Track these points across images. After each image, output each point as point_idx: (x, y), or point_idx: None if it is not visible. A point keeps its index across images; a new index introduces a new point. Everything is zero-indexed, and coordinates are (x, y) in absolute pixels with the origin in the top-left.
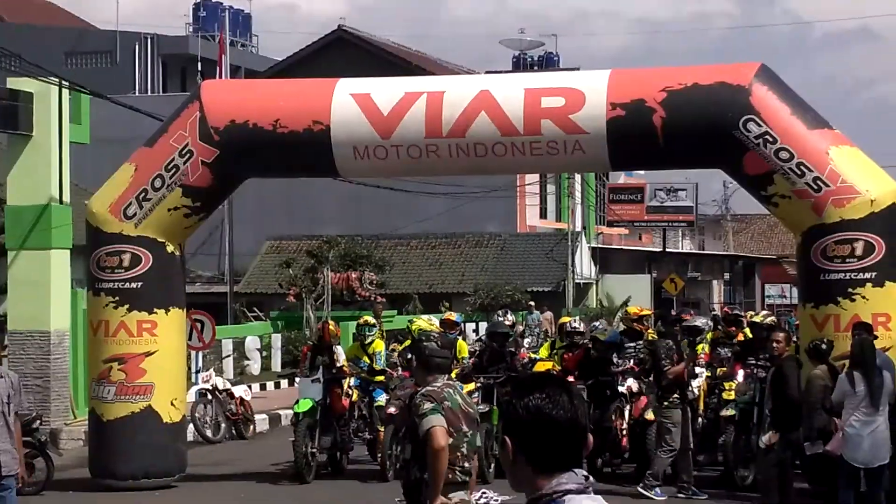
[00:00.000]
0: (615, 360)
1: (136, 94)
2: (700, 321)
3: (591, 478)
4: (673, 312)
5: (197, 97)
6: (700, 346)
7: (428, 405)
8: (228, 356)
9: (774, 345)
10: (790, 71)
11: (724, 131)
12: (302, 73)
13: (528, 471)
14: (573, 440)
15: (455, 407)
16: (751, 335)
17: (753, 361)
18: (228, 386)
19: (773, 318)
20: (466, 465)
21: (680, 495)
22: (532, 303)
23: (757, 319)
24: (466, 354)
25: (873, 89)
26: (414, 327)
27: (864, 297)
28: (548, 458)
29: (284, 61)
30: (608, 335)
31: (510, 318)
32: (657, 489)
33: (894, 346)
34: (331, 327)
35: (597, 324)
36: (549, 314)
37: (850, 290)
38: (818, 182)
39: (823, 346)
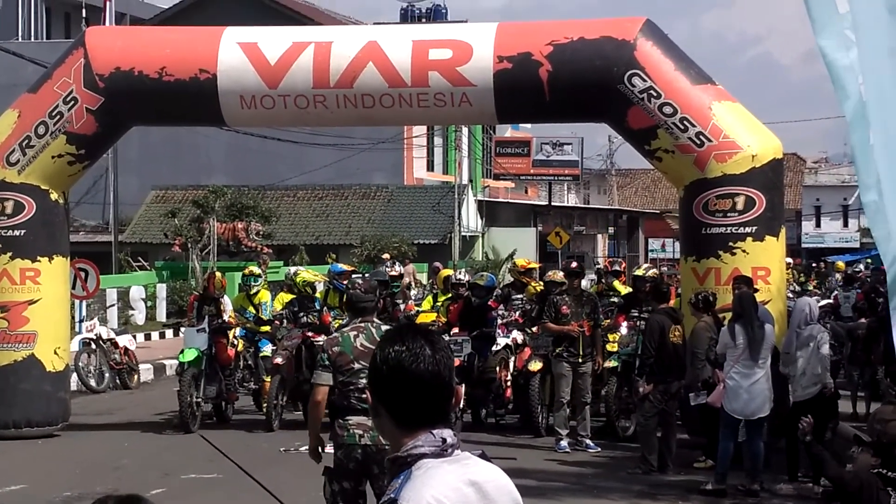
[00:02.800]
0: (501, 311)
1: (20, 39)
2: (584, 281)
3: (454, 437)
4: (574, 264)
5: (81, 44)
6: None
7: (320, 359)
8: (113, 305)
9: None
10: (678, 27)
11: (608, 85)
12: (189, 20)
13: (391, 426)
14: (434, 396)
15: (347, 349)
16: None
17: (636, 314)
18: (113, 335)
19: (654, 271)
20: (364, 395)
21: (577, 448)
22: (385, 255)
23: (639, 273)
24: None
25: (759, 46)
26: (298, 279)
27: (744, 251)
28: (409, 413)
29: (171, 9)
30: (485, 280)
31: (397, 268)
32: (561, 442)
33: (774, 299)
34: (217, 278)
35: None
36: (410, 267)
37: (730, 243)
38: (701, 137)
39: (711, 298)
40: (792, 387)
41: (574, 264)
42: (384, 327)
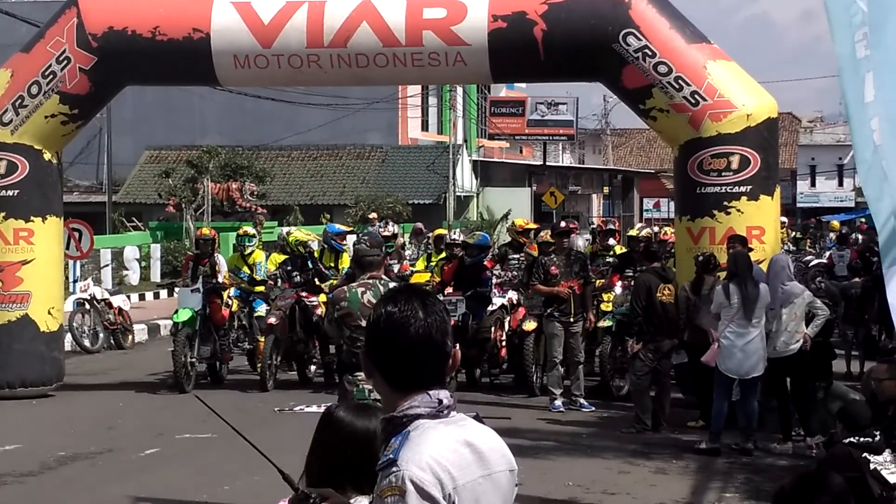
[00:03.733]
0: (497, 271)
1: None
2: (581, 240)
3: (450, 398)
4: (563, 224)
5: (74, 3)
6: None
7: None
8: (107, 266)
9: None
10: None
11: (603, 45)
12: None
13: (385, 388)
14: (428, 357)
15: (355, 305)
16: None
17: (631, 273)
18: (107, 296)
19: (648, 230)
20: None
21: (571, 407)
22: (373, 215)
23: (633, 233)
24: (348, 265)
25: (756, 5)
26: (291, 239)
27: (739, 211)
28: (402, 375)
29: None
30: (477, 238)
31: (391, 228)
32: (555, 401)
33: (768, 258)
34: (204, 231)
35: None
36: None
37: (725, 203)
38: (695, 96)
39: (712, 260)
40: (771, 342)
41: (562, 224)
42: (391, 284)
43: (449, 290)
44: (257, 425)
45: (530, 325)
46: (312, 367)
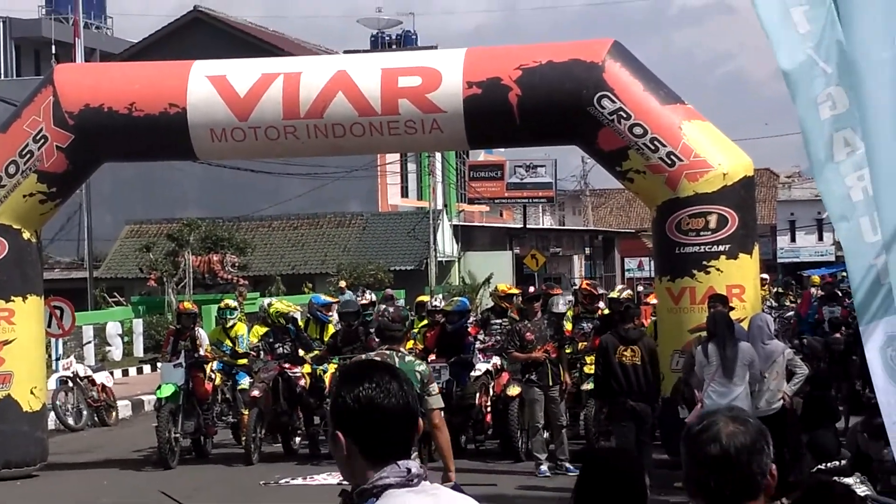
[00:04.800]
0: (481, 337)
1: None
2: (562, 301)
3: (419, 468)
4: (532, 289)
5: (50, 81)
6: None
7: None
8: (89, 342)
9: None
10: (649, 45)
11: (578, 108)
12: (158, 55)
13: (362, 463)
14: (402, 428)
15: None
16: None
17: None
18: (90, 372)
19: (629, 292)
20: None
21: (557, 471)
22: (342, 283)
23: (614, 295)
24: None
25: (731, 62)
26: (272, 310)
27: (718, 270)
28: (378, 447)
29: (140, 43)
30: (456, 304)
31: (367, 296)
32: (541, 466)
33: (749, 316)
34: (186, 305)
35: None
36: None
37: (704, 262)
38: (672, 157)
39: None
40: (755, 402)
41: (531, 289)
42: (408, 358)
43: (432, 357)
44: (243, 499)
45: (514, 391)
46: (297, 439)
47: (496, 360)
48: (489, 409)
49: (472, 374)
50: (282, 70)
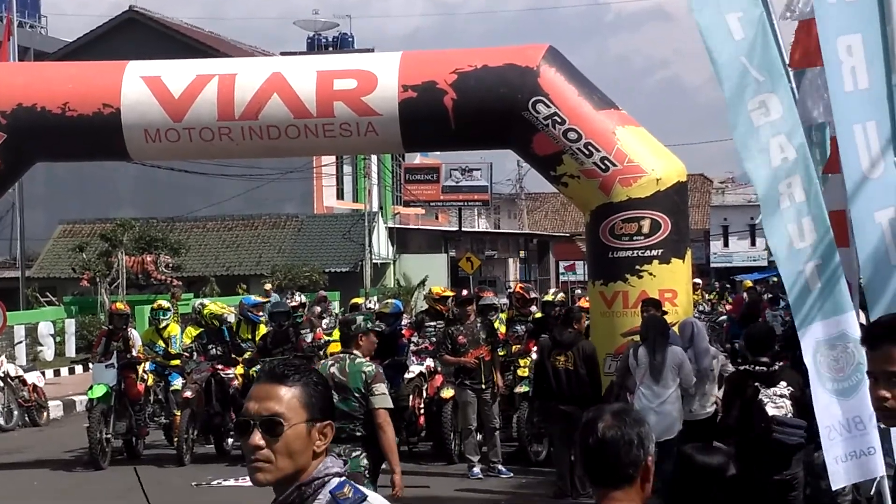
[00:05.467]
0: (415, 339)
1: None
2: (494, 299)
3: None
4: (465, 292)
5: None
6: (497, 324)
7: None
8: (21, 342)
9: (583, 325)
10: (585, 51)
11: (513, 112)
12: (93, 55)
13: (321, 448)
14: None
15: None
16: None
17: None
18: (21, 372)
19: (562, 295)
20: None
21: (490, 474)
22: (268, 286)
23: (548, 298)
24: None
25: (666, 69)
26: (206, 311)
27: (651, 274)
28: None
29: (74, 43)
30: (390, 307)
31: (297, 298)
32: (473, 468)
33: (680, 320)
34: (119, 306)
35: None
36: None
37: (637, 266)
38: (605, 162)
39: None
40: (686, 406)
41: (465, 292)
42: (358, 360)
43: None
44: (176, 501)
45: (448, 393)
46: (230, 440)
47: (430, 362)
48: (423, 411)
49: (406, 376)
50: (217, 71)
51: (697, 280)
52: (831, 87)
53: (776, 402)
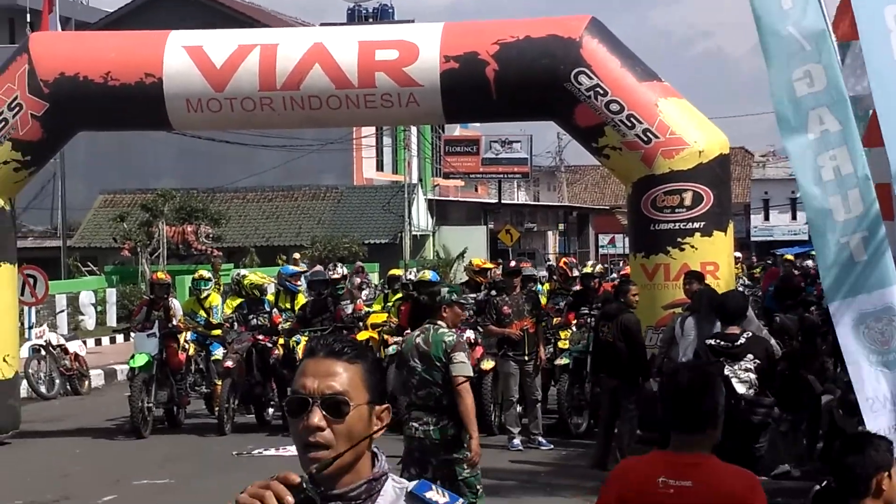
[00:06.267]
0: None
1: None
2: (533, 271)
3: None
4: (512, 263)
5: (25, 50)
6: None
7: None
8: (62, 311)
9: (631, 297)
10: (625, 22)
11: (555, 84)
12: (134, 24)
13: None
14: None
15: (408, 348)
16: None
17: (586, 311)
18: (62, 341)
19: (601, 267)
20: (420, 392)
21: (530, 445)
22: (296, 255)
23: (587, 270)
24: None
25: (708, 40)
26: (246, 282)
27: (693, 247)
28: None
29: (116, 13)
30: (430, 276)
31: (340, 270)
32: (513, 440)
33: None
34: (159, 275)
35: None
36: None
37: (679, 239)
38: (648, 134)
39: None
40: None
41: (512, 263)
42: (441, 329)
43: (407, 332)
44: (216, 470)
45: (488, 365)
46: (270, 410)
47: (470, 333)
48: None
49: None
50: (258, 41)
51: (738, 253)
52: (877, 57)
53: (741, 378)
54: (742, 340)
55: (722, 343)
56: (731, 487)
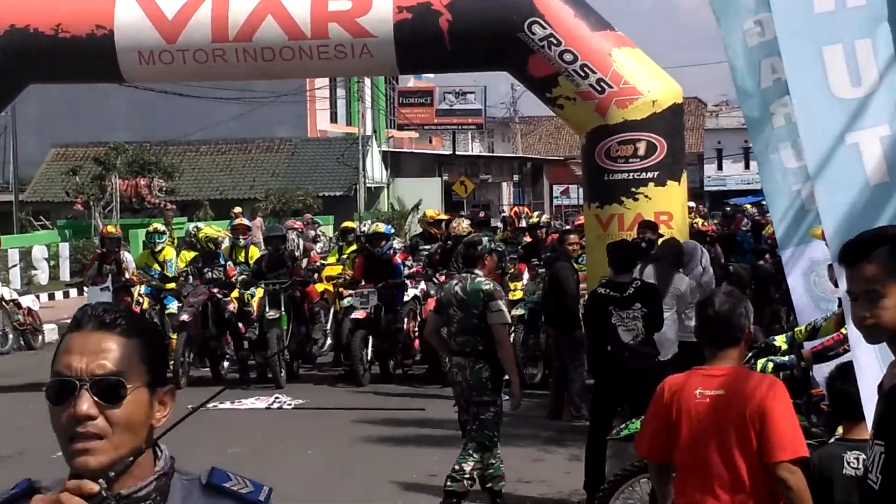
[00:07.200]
0: (409, 262)
1: None
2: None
3: None
4: (482, 214)
5: None
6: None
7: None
8: (15, 266)
9: (568, 247)
10: None
11: (509, 34)
12: None
13: None
14: None
15: (447, 297)
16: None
17: (536, 262)
18: (15, 296)
19: (546, 217)
20: (459, 339)
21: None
22: (237, 209)
23: (533, 220)
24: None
25: None
26: (201, 235)
27: (646, 197)
28: None
29: None
30: (383, 229)
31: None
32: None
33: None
34: (109, 229)
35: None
36: (258, 220)
37: (633, 189)
38: (601, 83)
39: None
40: (681, 331)
41: (481, 214)
42: (478, 279)
43: (362, 283)
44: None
45: None
46: (226, 364)
47: (423, 285)
48: (417, 334)
49: (404, 298)
50: None
51: (692, 203)
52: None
53: (628, 326)
54: (630, 290)
55: (612, 293)
56: (753, 391)
